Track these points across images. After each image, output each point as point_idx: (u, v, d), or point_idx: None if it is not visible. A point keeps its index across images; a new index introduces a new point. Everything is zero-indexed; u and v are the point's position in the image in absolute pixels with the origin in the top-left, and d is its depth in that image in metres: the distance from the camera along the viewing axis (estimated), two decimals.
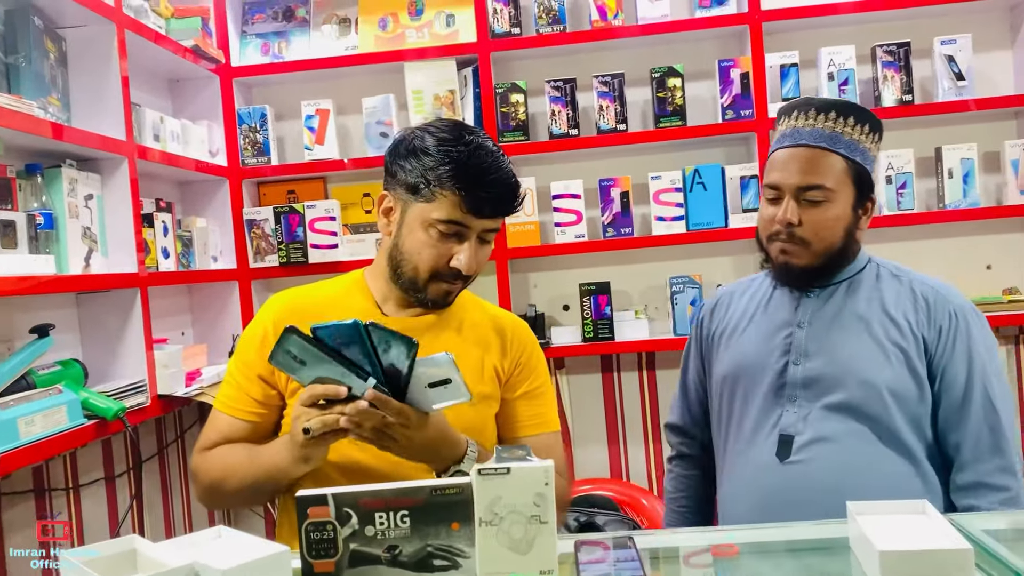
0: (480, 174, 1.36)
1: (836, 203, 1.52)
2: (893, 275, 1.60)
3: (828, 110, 1.53)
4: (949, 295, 1.56)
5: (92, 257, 2.04)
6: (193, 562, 1.05)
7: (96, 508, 2.19)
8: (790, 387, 1.55)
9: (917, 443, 1.50)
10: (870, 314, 1.54)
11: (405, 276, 1.43)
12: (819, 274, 1.57)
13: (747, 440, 1.59)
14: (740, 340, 1.66)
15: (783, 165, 1.54)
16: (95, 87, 2.13)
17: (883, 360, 1.50)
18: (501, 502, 1.04)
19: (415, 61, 2.77)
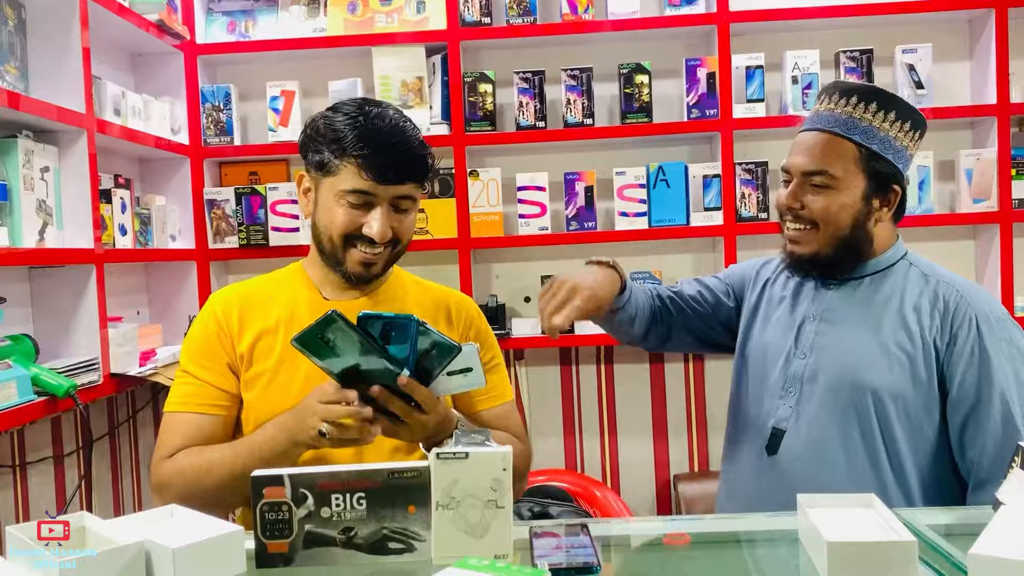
0: (378, 139, 1.37)
1: (843, 191, 1.47)
2: (923, 274, 1.53)
3: (851, 94, 1.48)
4: (973, 300, 1.47)
5: (47, 231, 2.00)
6: (144, 539, 1.03)
7: (43, 487, 2.15)
8: (790, 381, 1.53)
9: (912, 453, 1.45)
10: (883, 315, 1.49)
11: (326, 252, 1.44)
12: (830, 264, 1.52)
13: (744, 429, 1.60)
14: (761, 325, 1.64)
15: (796, 149, 1.52)
16: (55, 57, 2.08)
17: (885, 365, 1.46)
18: (458, 486, 1.05)
19: (384, 46, 2.76)
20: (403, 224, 1.43)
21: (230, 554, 1.05)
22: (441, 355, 1.23)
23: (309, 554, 1.07)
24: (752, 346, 1.64)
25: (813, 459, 1.47)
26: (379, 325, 1.21)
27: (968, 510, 1.39)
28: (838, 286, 1.55)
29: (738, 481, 1.59)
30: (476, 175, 2.76)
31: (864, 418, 1.45)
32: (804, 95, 2.69)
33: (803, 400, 1.50)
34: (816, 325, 1.53)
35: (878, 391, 1.45)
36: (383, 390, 1.23)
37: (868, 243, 1.51)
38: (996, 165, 2.65)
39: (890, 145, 1.48)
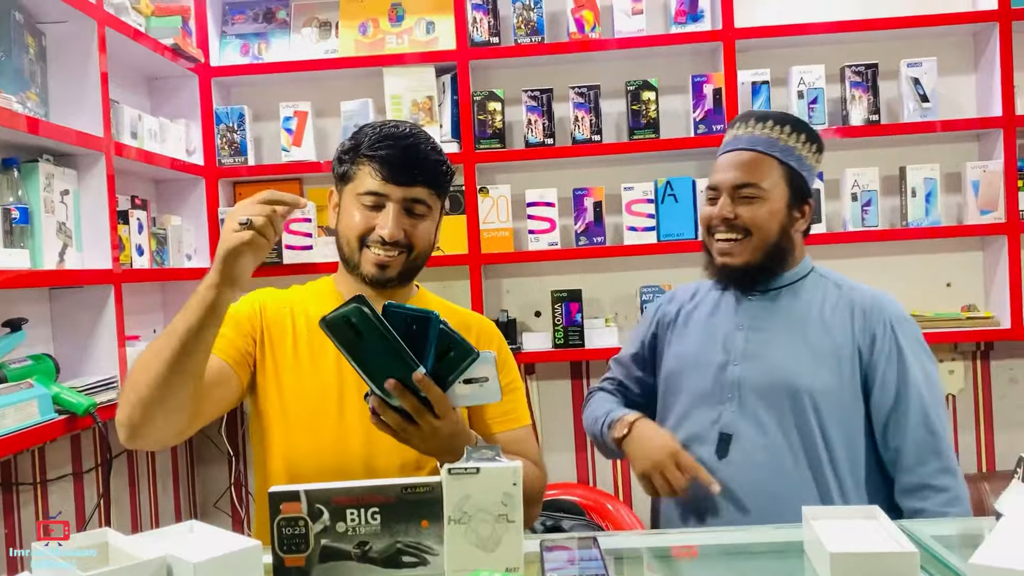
0: (390, 141, 1.42)
1: (769, 201, 1.60)
2: (835, 284, 1.67)
3: (766, 120, 1.63)
4: (884, 304, 1.61)
5: (67, 253, 2.04)
6: (165, 555, 1.07)
7: (63, 504, 2.19)
8: (729, 387, 1.61)
9: (845, 447, 1.56)
10: (807, 321, 1.61)
11: (345, 256, 1.48)
12: (758, 273, 1.63)
13: (688, 436, 1.64)
14: (686, 340, 1.73)
15: (722, 168, 1.64)
16: (74, 83, 2.13)
17: (815, 367, 1.57)
18: (470, 501, 1.07)
19: (394, 67, 2.80)
20: (417, 229, 1.45)
21: (249, 568, 1.08)
22: (459, 358, 1.21)
23: (325, 568, 1.10)
24: (674, 361, 1.72)
25: (761, 459, 1.56)
26: (402, 318, 1.20)
27: (970, 521, 1.40)
28: (759, 297, 1.66)
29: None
30: (486, 192, 2.80)
31: (802, 418, 1.55)
32: (810, 109, 2.72)
33: (744, 404, 1.59)
34: (746, 334, 1.63)
35: (812, 392, 1.55)
36: (398, 384, 1.21)
37: (791, 251, 1.65)
38: (1003, 176, 2.67)
39: (803, 163, 1.63)
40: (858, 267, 2.86)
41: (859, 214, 2.73)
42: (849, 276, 2.81)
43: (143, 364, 1.26)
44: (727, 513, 1.55)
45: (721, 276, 1.67)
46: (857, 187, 2.73)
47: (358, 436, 1.43)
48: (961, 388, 2.88)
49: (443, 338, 1.21)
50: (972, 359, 2.87)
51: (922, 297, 2.85)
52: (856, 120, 2.72)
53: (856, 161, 2.82)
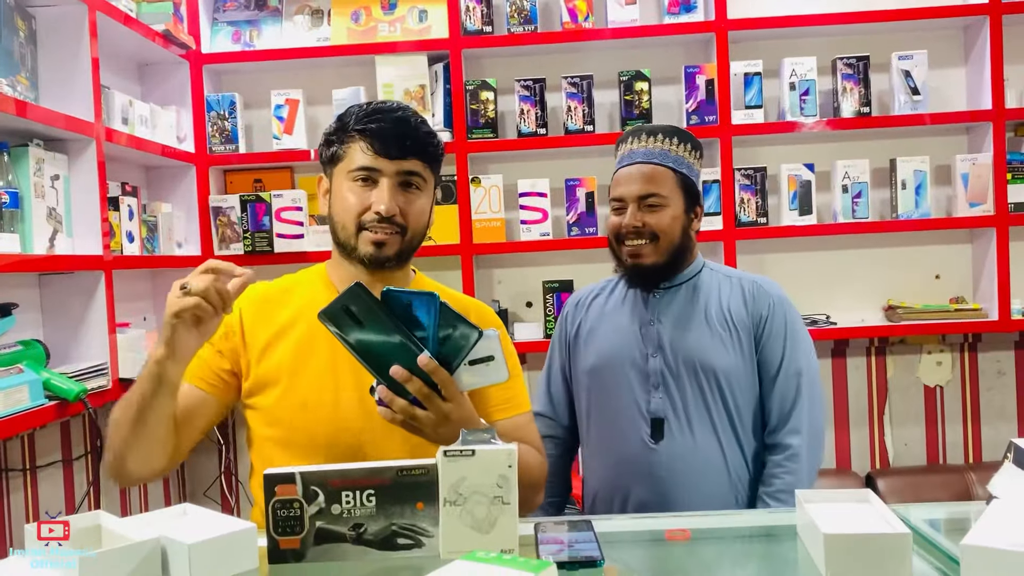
0: (379, 115, 1.41)
1: (671, 207, 1.76)
2: (725, 275, 1.85)
3: (656, 133, 1.79)
4: (769, 288, 1.81)
5: (57, 238, 2.03)
6: (159, 536, 1.06)
7: (53, 490, 2.18)
8: (653, 376, 1.76)
9: (749, 416, 1.76)
10: (709, 309, 1.78)
11: (341, 240, 1.45)
12: (664, 271, 1.78)
13: (618, 426, 1.77)
14: (600, 337, 1.84)
15: (625, 181, 1.78)
16: (64, 67, 2.12)
17: (722, 348, 1.75)
18: (465, 483, 1.07)
19: (386, 55, 2.79)
20: (412, 205, 1.42)
21: (243, 550, 1.08)
22: (462, 339, 1.19)
23: (320, 550, 1.10)
24: (594, 358, 1.83)
25: (691, 437, 1.72)
26: (401, 302, 1.19)
27: (962, 505, 1.42)
28: (663, 294, 1.81)
29: (622, 473, 1.76)
30: (478, 182, 2.80)
31: (720, 394, 1.74)
32: (802, 101, 2.73)
33: (670, 390, 1.75)
34: (658, 326, 1.78)
35: (724, 369, 1.73)
36: (403, 370, 1.20)
37: (690, 250, 1.82)
38: (992, 169, 2.69)
39: (692, 169, 1.80)
40: (848, 259, 2.88)
41: (849, 206, 2.75)
42: (841, 267, 2.84)
43: (115, 420, 1.33)
44: (666, 488, 1.71)
45: (632, 276, 1.81)
46: (848, 179, 2.75)
47: (355, 425, 1.41)
48: (949, 380, 2.90)
49: (445, 319, 1.19)
50: (960, 351, 2.90)
51: (911, 289, 2.87)
52: (847, 112, 2.73)
53: (847, 153, 2.83)
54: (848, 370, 2.93)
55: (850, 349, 2.93)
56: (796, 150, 2.88)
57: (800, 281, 2.88)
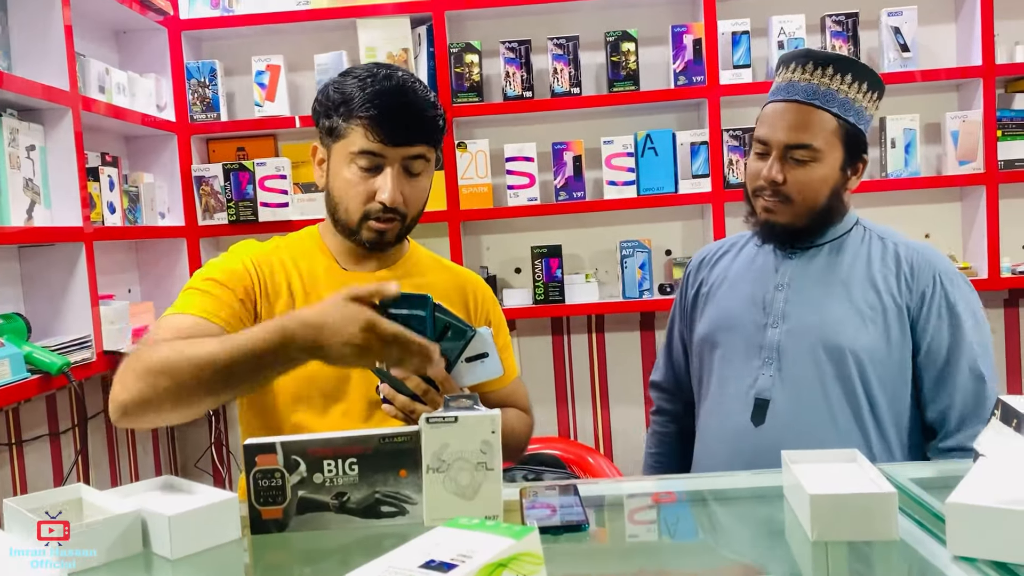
0: (386, 99, 1.33)
1: (823, 163, 1.49)
2: (879, 238, 1.58)
3: (827, 65, 1.48)
4: (934, 259, 1.53)
5: (35, 210, 2.00)
6: (140, 509, 1.05)
7: (40, 464, 2.17)
8: (767, 349, 1.53)
9: (890, 410, 1.50)
10: (851, 278, 1.52)
11: (340, 221, 1.41)
12: (802, 233, 1.55)
13: (723, 401, 1.58)
14: (721, 300, 1.64)
15: (773, 120, 1.51)
16: (37, 35, 2.07)
17: (860, 326, 1.49)
18: (448, 449, 1.06)
19: (368, 18, 2.74)
20: (415, 189, 1.39)
21: (225, 521, 1.07)
22: (456, 338, 1.21)
23: (303, 519, 1.09)
24: (709, 324, 1.63)
25: (800, 426, 1.48)
26: (398, 303, 1.19)
27: (949, 463, 1.41)
28: (799, 254, 1.57)
29: (723, 458, 1.56)
30: (464, 147, 2.76)
31: (846, 379, 1.48)
32: None
33: (784, 368, 1.51)
34: (785, 293, 1.54)
35: (856, 352, 1.47)
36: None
37: (839, 212, 1.55)
38: (982, 127, 2.66)
39: (862, 115, 1.51)
40: None
41: None
42: None
43: (170, 364, 1.15)
44: None
45: (763, 232, 1.58)
46: None
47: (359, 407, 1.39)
48: None
49: (440, 318, 1.21)
50: None
51: None
52: None
53: None
54: None
55: None
56: None
57: None
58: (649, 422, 1.90)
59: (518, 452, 1.57)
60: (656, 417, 1.85)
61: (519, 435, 1.52)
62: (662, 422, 1.82)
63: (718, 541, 1.09)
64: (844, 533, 0.97)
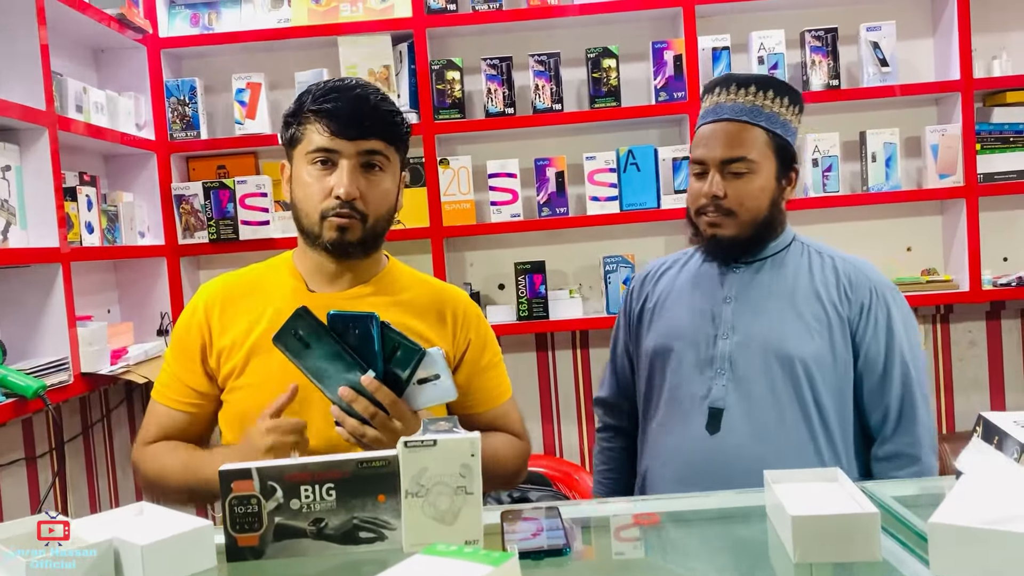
0: (336, 94, 1.35)
1: (759, 174, 1.55)
2: (817, 252, 1.64)
3: (748, 84, 1.56)
4: (869, 272, 1.60)
5: (10, 231, 1.97)
6: (113, 538, 1.03)
7: (16, 489, 2.14)
8: (719, 360, 1.57)
9: (837, 416, 1.55)
10: (795, 290, 1.58)
11: (304, 228, 1.39)
12: (747, 246, 1.59)
13: (676, 411, 1.60)
14: (669, 314, 1.67)
15: (707, 140, 1.57)
16: (12, 54, 2.05)
17: (807, 336, 1.54)
18: (427, 474, 1.05)
19: (349, 35, 2.74)
20: (374, 188, 1.36)
21: (200, 549, 1.05)
22: (406, 357, 1.22)
23: (280, 546, 1.07)
24: (659, 339, 1.66)
25: (754, 433, 1.53)
26: (341, 321, 1.22)
27: (931, 481, 1.41)
28: (743, 269, 1.62)
29: (676, 467, 1.58)
30: (446, 163, 2.75)
31: (796, 387, 1.53)
32: (771, 75, 2.70)
33: (736, 378, 1.55)
34: (733, 306, 1.59)
35: (805, 360, 1.53)
36: (350, 390, 1.22)
37: (779, 223, 1.61)
38: (961, 140, 2.68)
39: (787, 128, 1.58)
40: (819, 233, 2.87)
41: (820, 180, 2.73)
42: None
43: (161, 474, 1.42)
44: (718, 486, 1.45)
45: (710, 247, 1.62)
46: (818, 152, 2.73)
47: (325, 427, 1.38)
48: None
49: (388, 338, 1.22)
50: (932, 323, 2.90)
51: (883, 261, 2.84)
52: (816, 85, 2.72)
53: (817, 126, 2.81)
54: None
55: None
56: None
57: None
58: (596, 441, 1.91)
59: (508, 480, 1.52)
60: (603, 434, 1.87)
61: (506, 461, 1.46)
62: (609, 437, 1.84)
63: (701, 563, 1.08)
64: (827, 554, 0.96)
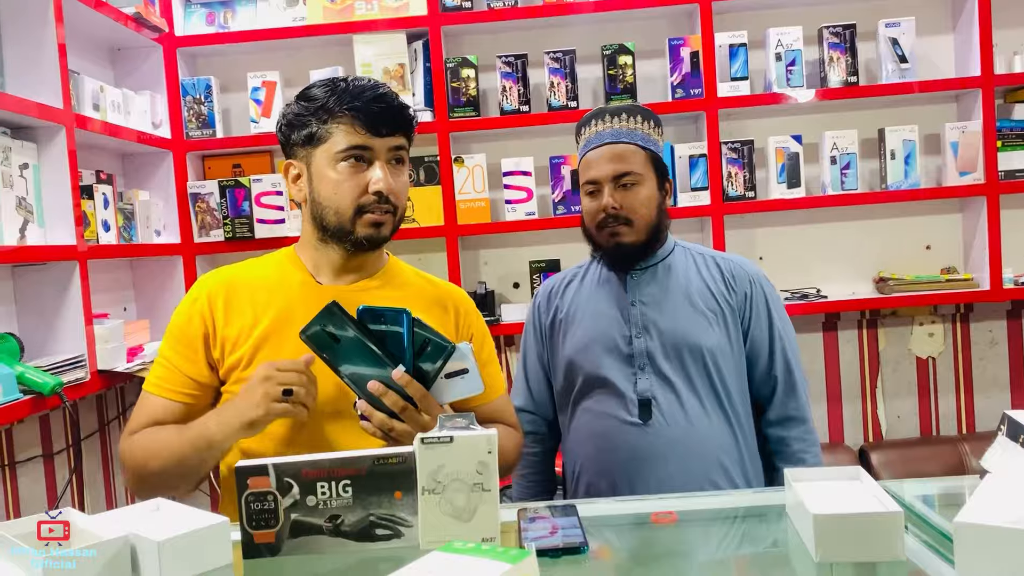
0: (365, 92, 1.37)
1: (645, 185, 1.73)
2: (698, 253, 1.83)
3: (620, 113, 1.76)
4: (746, 266, 1.81)
5: (28, 229, 1.98)
6: (129, 534, 1.03)
7: (34, 485, 2.14)
8: (638, 357, 1.73)
9: (739, 395, 1.75)
10: (689, 288, 1.76)
11: (332, 225, 1.40)
12: (643, 250, 1.76)
13: (605, 408, 1.74)
14: (580, 323, 1.80)
15: (596, 163, 1.74)
16: (31, 53, 2.06)
17: (707, 327, 1.73)
18: (444, 470, 1.04)
19: (364, 33, 2.74)
20: (400, 183, 1.41)
21: (216, 545, 1.05)
22: (435, 353, 1.23)
23: (296, 543, 1.07)
24: (576, 345, 1.79)
25: (681, 417, 1.70)
26: (377, 319, 1.23)
27: (953, 480, 1.39)
28: (640, 275, 1.78)
29: (609, 458, 1.72)
30: (461, 161, 2.75)
31: (707, 374, 1.71)
32: (788, 72, 2.68)
33: (657, 370, 1.72)
34: (640, 308, 1.76)
35: (711, 349, 1.71)
36: (380, 384, 1.23)
37: (665, 228, 1.80)
38: (982, 137, 2.65)
39: (657, 145, 1.78)
40: (838, 231, 2.85)
41: (838, 177, 2.71)
42: (831, 240, 2.81)
43: (149, 449, 1.36)
44: (655, 469, 1.67)
45: (612, 257, 1.77)
46: (836, 150, 2.71)
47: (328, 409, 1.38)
48: (941, 351, 2.88)
49: (419, 334, 1.23)
50: (952, 322, 2.87)
51: (901, 260, 2.84)
52: (834, 82, 2.69)
53: (834, 124, 2.79)
54: (840, 343, 2.90)
55: (841, 322, 2.90)
56: (783, 122, 2.84)
57: (790, 255, 2.85)
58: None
59: (508, 470, 1.58)
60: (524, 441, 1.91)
61: (508, 452, 1.51)
62: (528, 443, 1.88)
63: (721, 562, 1.07)
64: (850, 554, 0.95)
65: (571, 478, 1.83)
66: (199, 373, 1.42)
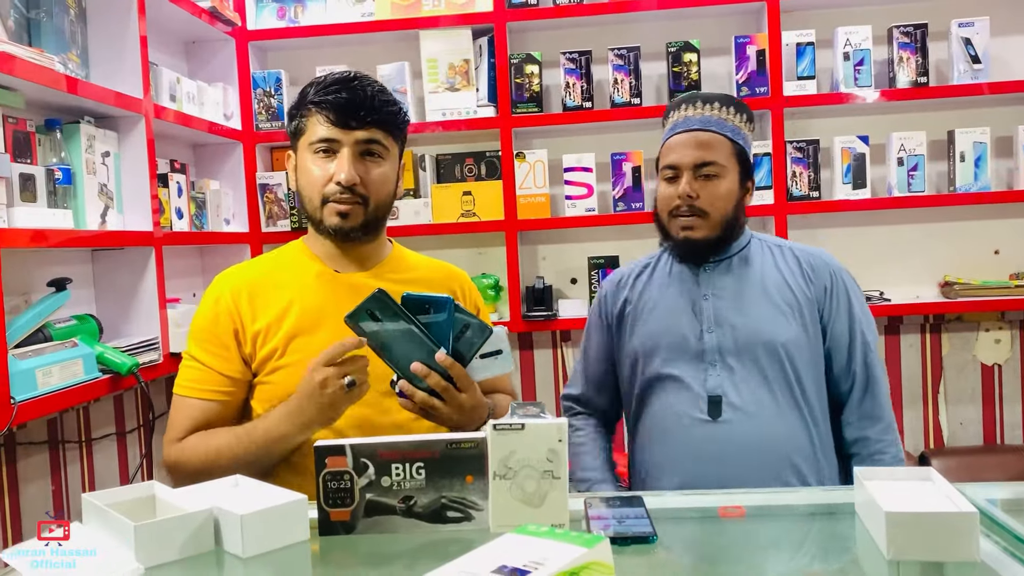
0: (336, 86, 1.42)
1: (727, 178, 1.68)
2: (776, 245, 1.78)
3: (712, 101, 1.71)
4: (827, 258, 1.75)
5: (108, 214, 2.06)
6: (213, 507, 1.07)
7: (108, 462, 2.23)
8: (709, 353, 1.68)
9: (815, 391, 1.69)
10: (766, 281, 1.71)
11: (309, 214, 1.48)
12: (716, 245, 1.71)
13: (675, 402, 1.70)
14: (653, 316, 1.76)
15: (679, 148, 1.70)
16: (113, 45, 2.13)
17: (784, 322, 1.67)
18: (515, 457, 1.06)
19: (430, 29, 2.77)
20: (374, 174, 1.44)
21: (295, 521, 1.09)
22: (474, 336, 1.32)
23: (370, 522, 1.10)
24: (645, 341, 1.74)
25: (753, 414, 1.64)
26: (420, 305, 1.30)
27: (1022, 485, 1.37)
28: (714, 267, 1.74)
29: (677, 453, 1.68)
30: (523, 157, 2.77)
31: (782, 369, 1.66)
32: (856, 72, 2.65)
33: (729, 366, 1.67)
34: (713, 302, 1.71)
35: (786, 344, 1.66)
36: (423, 366, 1.30)
37: (742, 226, 1.75)
38: None
39: (747, 141, 1.74)
40: (903, 233, 2.81)
41: (905, 179, 2.67)
42: (895, 243, 2.77)
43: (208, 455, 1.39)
44: (724, 468, 1.62)
45: (683, 250, 1.73)
46: (903, 151, 2.67)
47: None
48: (1008, 358, 2.82)
49: (459, 318, 1.31)
50: (1020, 328, 2.81)
51: (969, 264, 2.78)
52: (903, 82, 2.65)
53: (902, 125, 2.75)
54: (902, 348, 2.86)
55: (904, 326, 2.85)
56: (850, 122, 2.80)
57: (853, 256, 2.81)
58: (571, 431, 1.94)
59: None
60: (576, 420, 1.91)
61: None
62: (581, 424, 1.88)
63: (790, 557, 1.07)
64: (922, 553, 0.95)
65: (637, 472, 1.80)
66: (234, 370, 1.46)
